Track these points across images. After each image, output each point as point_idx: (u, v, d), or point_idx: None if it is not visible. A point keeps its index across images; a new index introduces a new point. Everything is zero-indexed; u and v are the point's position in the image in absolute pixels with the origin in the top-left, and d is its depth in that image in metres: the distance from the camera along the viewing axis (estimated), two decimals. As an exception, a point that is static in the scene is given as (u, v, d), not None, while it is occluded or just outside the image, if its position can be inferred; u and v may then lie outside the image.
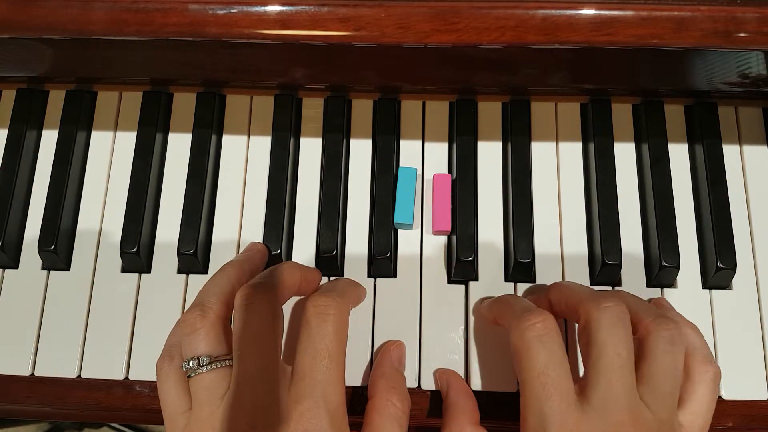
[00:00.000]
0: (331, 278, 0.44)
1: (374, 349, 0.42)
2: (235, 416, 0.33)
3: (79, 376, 0.43)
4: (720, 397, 0.42)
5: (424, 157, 0.47)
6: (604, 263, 0.43)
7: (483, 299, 0.43)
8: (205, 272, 0.45)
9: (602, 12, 0.36)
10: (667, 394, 0.34)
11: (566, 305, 0.38)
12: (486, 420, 0.39)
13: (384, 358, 0.40)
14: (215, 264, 0.44)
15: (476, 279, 0.44)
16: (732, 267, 0.43)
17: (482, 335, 0.42)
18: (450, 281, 0.44)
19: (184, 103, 0.48)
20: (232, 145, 0.47)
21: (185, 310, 0.38)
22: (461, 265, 0.43)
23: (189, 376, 0.35)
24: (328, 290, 0.38)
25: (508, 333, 0.36)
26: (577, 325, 0.37)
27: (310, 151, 0.47)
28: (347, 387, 0.41)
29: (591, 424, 0.32)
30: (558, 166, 0.46)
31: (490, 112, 0.48)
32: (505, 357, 0.42)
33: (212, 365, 0.35)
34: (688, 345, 0.37)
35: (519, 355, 0.35)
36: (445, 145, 0.47)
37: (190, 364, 0.35)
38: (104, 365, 0.43)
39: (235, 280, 0.39)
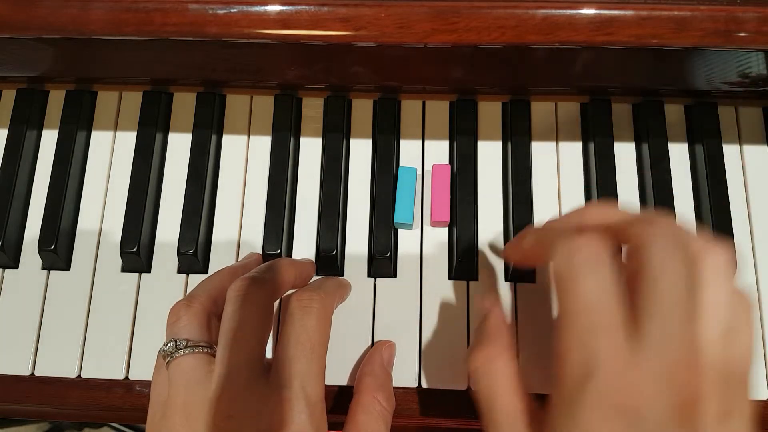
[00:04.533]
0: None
1: (374, 349, 0.42)
2: (211, 405, 0.33)
3: (79, 376, 0.43)
4: (720, 397, 0.42)
5: (424, 157, 0.47)
6: (604, 263, 0.43)
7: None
8: (205, 272, 0.45)
9: (602, 12, 0.36)
10: (727, 330, 0.28)
11: (609, 227, 0.32)
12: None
13: (374, 356, 0.40)
14: (215, 264, 0.45)
15: (476, 279, 0.44)
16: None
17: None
18: (450, 281, 0.44)
19: (184, 103, 0.48)
20: (232, 145, 0.47)
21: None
22: (461, 265, 0.43)
23: (168, 363, 0.35)
24: (312, 287, 0.38)
25: (548, 258, 0.32)
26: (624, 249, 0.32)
27: (310, 151, 0.47)
28: (347, 387, 0.41)
29: (647, 369, 0.27)
30: (558, 166, 0.46)
31: (490, 111, 0.48)
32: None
33: (190, 349, 0.35)
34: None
35: (563, 281, 0.30)
36: (445, 145, 0.47)
37: (167, 346, 0.35)
38: (104, 365, 0.43)
39: (228, 282, 0.39)
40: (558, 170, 0.46)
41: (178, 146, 0.48)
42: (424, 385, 0.42)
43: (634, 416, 0.26)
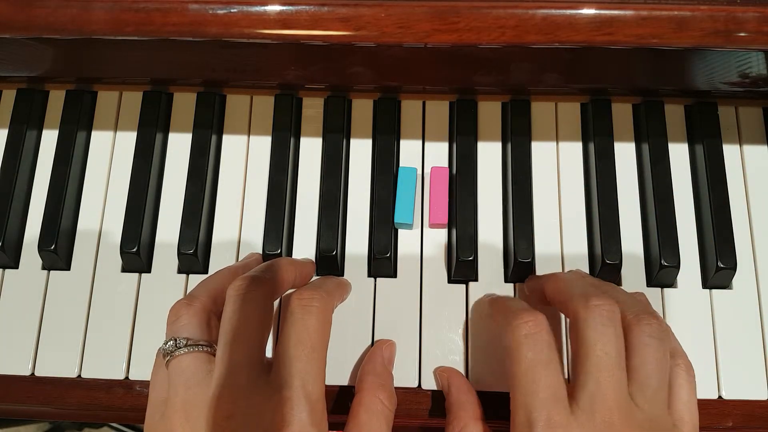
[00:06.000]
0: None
1: (374, 349, 0.42)
2: (211, 405, 0.33)
3: (79, 376, 0.43)
4: (720, 397, 0.42)
5: (424, 157, 0.47)
6: (604, 263, 0.43)
7: (487, 295, 0.43)
8: (205, 272, 0.45)
9: (602, 12, 0.36)
10: (655, 390, 0.34)
11: (558, 299, 0.38)
12: (486, 420, 0.39)
13: (375, 355, 0.40)
14: (215, 264, 0.45)
15: (476, 279, 0.44)
16: (732, 267, 0.43)
17: (482, 335, 0.42)
18: (450, 281, 0.44)
19: (184, 103, 0.48)
20: (232, 145, 0.47)
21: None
22: (461, 265, 0.43)
23: (167, 362, 0.35)
24: (313, 286, 0.38)
25: (502, 332, 0.36)
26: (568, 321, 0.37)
27: (310, 151, 0.47)
28: (347, 387, 0.41)
29: (578, 425, 0.32)
30: (558, 166, 0.46)
31: (490, 111, 0.48)
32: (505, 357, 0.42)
33: (190, 348, 0.35)
34: None
35: (510, 352, 0.35)
36: (445, 145, 0.47)
37: (167, 345, 0.35)
38: (104, 365, 0.43)
39: (228, 282, 0.39)
40: (558, 170, 0.46)
41: (178, 146, 0.48)
42: (424, 385, 0.42)
43: None
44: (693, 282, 0.44)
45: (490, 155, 0.47)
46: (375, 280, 0.44)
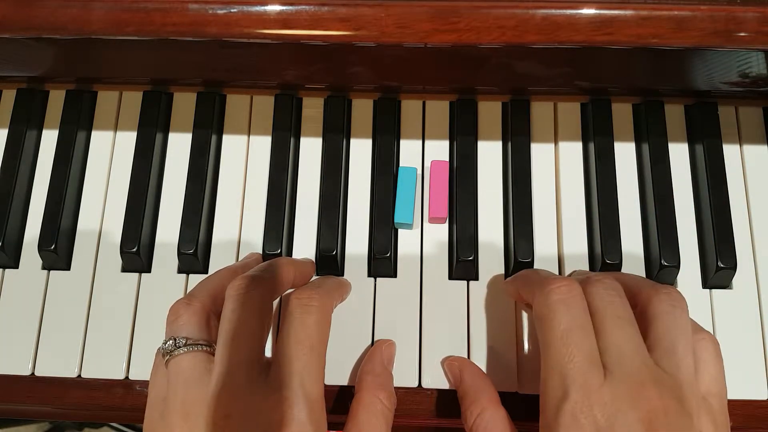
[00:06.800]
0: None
1: (374, 349, 0.42)
2: (210, 404, 0.33)
3: (79, 376, 0.43)
4: (720, 397, 0.42)
5: (425, 157, 0.47)
6: (605, 263, 0.43)
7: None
8: (205, 272, 0.45)
9: (602, 11, 0.36)
10: (681, 355, 0.33)
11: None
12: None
13: (374, 355, 0.40)
14: (215, 264, 0.45)
15: (476, 278, 0.44)
16: (732, 267, 0.43)
17: (483, 335, 0.42)
18: (450, 281, 0.44)
19: (184, 103, 0.48)
20: (232, 145, 0.47)
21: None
22: (462, 265, 0.43)
23: (167, 361, 0.35)
24: (312, 285, 0.38)
25: (531, 302, 0.36)
26: None
27: (310, 151, 0.47)
28: (347, 387, 0.41)
29: (613, 390, 0.32)
30: (558, 166, 0.46)
31: (490, 111, 0.48)
32: (506, 356, 0.42)
33: (189, 347, 0.35)
34: None
35: (542, 318, 0.35)
36: (446, 145, 0.47)
37: (167, 344, 0.35)
38: (104, 365, 0.43)
39: (227, 281, 0.39)
40: (558, 170, 0.46)
41: (178, 146, 0.48)
42: (425, 385, 0.42)
43: (607, 430, 0.30)
44: (693, 282, 0.44)
45: (490, 155, 0.47)
46: (375, 280, 0.44)
